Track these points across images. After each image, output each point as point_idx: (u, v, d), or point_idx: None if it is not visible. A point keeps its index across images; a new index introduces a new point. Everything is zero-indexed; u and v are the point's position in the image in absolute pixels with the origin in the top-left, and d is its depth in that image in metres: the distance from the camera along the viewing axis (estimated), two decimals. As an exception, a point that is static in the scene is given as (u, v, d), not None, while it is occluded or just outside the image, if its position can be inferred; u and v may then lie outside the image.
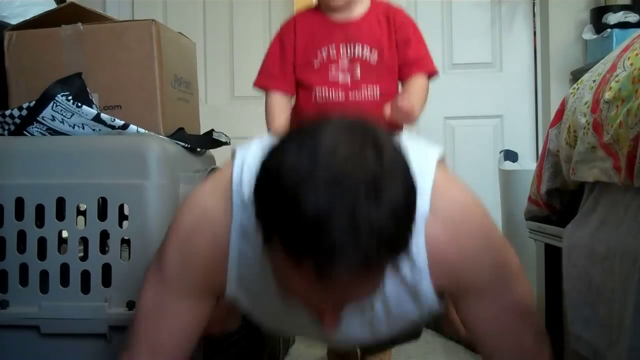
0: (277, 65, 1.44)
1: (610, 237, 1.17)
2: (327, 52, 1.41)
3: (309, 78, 1.39)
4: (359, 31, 1.43)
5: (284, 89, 1.41)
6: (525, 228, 1.76)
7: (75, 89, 1.56)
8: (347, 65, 1.40)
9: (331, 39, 1.42)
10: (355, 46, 1.41)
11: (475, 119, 3.29)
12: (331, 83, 1.39)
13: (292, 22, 1.48)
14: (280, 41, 1.47)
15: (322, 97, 1.39)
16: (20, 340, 1.48)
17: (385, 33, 1.45)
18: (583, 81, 1.38)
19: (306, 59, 1.42)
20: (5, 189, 1.50)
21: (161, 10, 3.37)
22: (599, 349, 1.18)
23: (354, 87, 1.39)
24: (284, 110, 1.42)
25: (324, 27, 1.45)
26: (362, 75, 1.39)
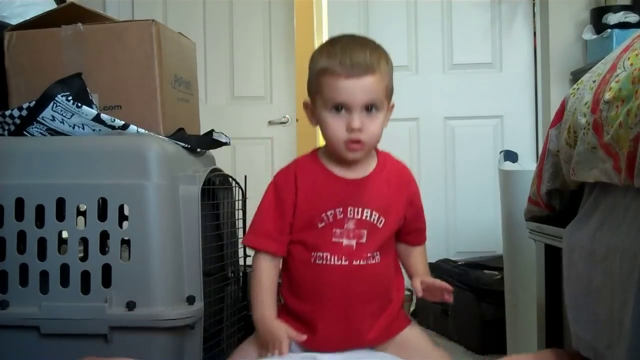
0: (272, 225, 1.32)
1: (610, 237, 1.17)
2: (334, 215, 1.32)
3: (310, 239, 1.30)
4: (369, 193, 1.31)
5: (276, 251, 1.32)
6: (525, 228, 1.76)
7: (75, 89, 1.56)
8: (353, 229, 1.32)
9: (340, 201, 1.30)
10: (364, 211, 1.32)
11: (475, 119, 3.29)
12: (335, 247, 1.31)
13: (292, 176, 1.32)
14: (277, 196, 1.31)
15: (322, 261, 1.31)
16: (20, 341, 1.48)
17: (395, 196, 1.34)
18: (583, 81, 1.38)
19: (309, 220, 1.30)
20: (5, 189, 1.50)
21: (161, 10, 3.38)
22: (599, 349, 1.18)
23: (359, 253, 1.31)
24: (274, 277, 1.32)
25: (330, 184, 1.31)
26: (368, 240, 1.32)
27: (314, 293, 1.31)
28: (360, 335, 1.32)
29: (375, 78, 1.27)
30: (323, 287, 1.30)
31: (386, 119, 1.32)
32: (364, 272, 1.30)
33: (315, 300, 1.31)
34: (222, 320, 1.75)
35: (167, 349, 1.48)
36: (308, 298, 1.32)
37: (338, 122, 1.27)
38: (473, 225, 3.20)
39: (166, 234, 1.51)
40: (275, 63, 3.41)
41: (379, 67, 1.27)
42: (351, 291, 1.30)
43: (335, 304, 1.31)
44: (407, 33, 3.32)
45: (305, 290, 1.32)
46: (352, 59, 1.25)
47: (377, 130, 1.29)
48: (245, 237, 1.37)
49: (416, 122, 3.30)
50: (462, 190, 3.28)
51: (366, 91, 1.26)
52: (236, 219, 1.89)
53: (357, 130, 1.26)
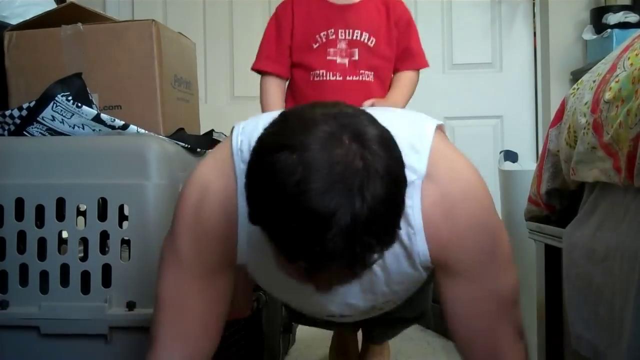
0: (273, 48, 1.46)
1: (611, 237, 1.17)
2: (326, 36, 1.42)
3: (307, 59, 1.42)
4: (358, 16, 1.45)
5: (279, 72, 1.43)
6: (525, 228, 1.76)
7: (75, 89, 1.56)
8: (345, 48, 1.42)
9: (330, 23, 1.44)
10: (354, 32, 1.43)
11: (475, 119, 3.29)
12: (329, 64, 1.40)
13: (290, 4, 1.49)
14: (277, 23, 1.48)
15: (319, 78, 1.40)
16: (20, 341, 1.48)
17: (384, 21, 1.47)
18: (583, 81, 1.38)
19: (304, 42, 1.44)
20: (5, 189, 1.50)
21: (161, 10, 3.37)
22: (600, 349, 1.18)
23: (352, 70, 1.42)
24: (279, 95, 1.44)
25: (322, 10, 1.46)
26: (360, 59, 1.42)
27: None
28: None
29: None
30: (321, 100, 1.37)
31: None
32: (357, 87, 1.38)
33: None
34: (222, 320, 1.74)
35: (167, 349, 1.47)
36: None
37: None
38: (473, 225, 3.20)
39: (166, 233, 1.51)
40: (275, 63, 3.41)
41: None
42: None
43: None
44: (407, 33, 3.32)
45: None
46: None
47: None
48: (254, 63, 1.46)
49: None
50: (462, 190, 3.27)
51: None
52: (236, 219, 1.88)
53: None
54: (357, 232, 0.78)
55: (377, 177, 0.79)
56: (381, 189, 0.79)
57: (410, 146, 0.98)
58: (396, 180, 0.82)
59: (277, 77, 1.43)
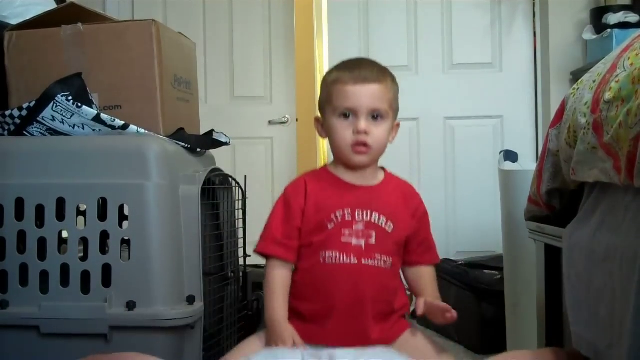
0: (280, 230, 1.36)
1: (610, 237, 1.17)
2: (342, 215, 1.35)
3: (319, 240, 1.33)
4: (376, 199, 1.36)
5: (286, 257, 1.35)
6: (525, 228, 1.76)
7: (75, 89, 1.56)
8: (362, 230, 1.35)
9: (346, 202, 1.34)
10: (372, 214, 1.36)
11: (475, 119, 3.29)
12: (344, 246, 1.33)
13: (302, 185, 1.38)
14: (286, 204, 1.36)
15: (331, 260, 1.33)
16: (20, 341, 1.48)
17: (401, 208, 1.38)
18: (583, 81, 1.38)
19: (318, 222, 1.33)
20: (5, 189, 1.50)
21: (161, 10, 3.37)
22: (600, 349, 1.18)
23: (368, 253, 1.34)
24: (285, 283, 1.35)
25: (338, 190, 1.36)
26: (377, 242, 1.34)
27: (324, 292, 1.33)
28: (366, 334, 1.33)
29: (381, 87, 1.36)
30: (332, 285, 1.32)
31: (391, 134, 1.42)
32: (372, 273, 1.33)
33: (326, 300, 1.33)
34: (222, 320, 1.75)
35: (167, 349, 1.47)
36: (318, 298, 1.34)
37: (346, 127, 1.36)
38: (473, 225, 3.20)
39: (166, 234, 1.51)
40: (275, 63, 3.41)
41: (385, 79, 1.38)
42: (360, 290, 1.32)
43: (343, 303, 1.33)
44: (407, 33, 3.32)
45: (314, 290, 1.34)
46: (360, 70, 1.37)
47: (382, 135, 1.37)
48: (258, 245, 1.39)
49: (416, 122, 3.30)
50: (462, 190, 3.28)
51: (372, 97, 1.35)
52: (236, 218, 1.89)
53: (363, 132, 1.34)
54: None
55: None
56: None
57: None
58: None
59: (284, 261, 1.36)
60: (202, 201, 1.59)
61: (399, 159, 3.17)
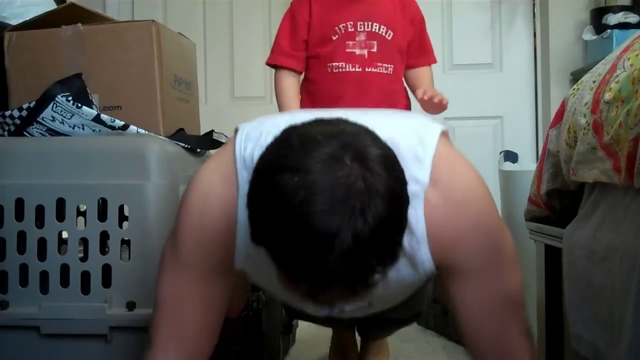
0: (287, 42, 1.46)
1: (610, 237, 1.17)
2: (345, 28, 1.43)
3: (325, 51, 1.42)
4: (375, 10, 1.47)
5: (294, 67, 1.43)
6: (525, 228, 1.76)
7: (75, 90, 1.56)
8: (364, 40, 1.43)
9: (348, 16, 1.45)
10: (373, 24, 1.44)
11: (475, 119, 3.29)
12: (349, 56, 1.41)
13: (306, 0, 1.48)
14: (292, 18, 1.48)
15: (338, 69, 1.41)
16: (20, 341, 1.48)
17: (399, 17, 1.49)
18: (583, 82, 1.38)
19: (323, 34, 1.44)
20: (5, 189, 1.50)
21: (161, 10, 3.38)
22: (600, 349, 1.18)
23: (371, 61, 1.43)
24: (295, 89, 1.44)
25: (340, 3, 1.47)
26: (378, 51, 1.43)
27: (332, 98, 1.40)
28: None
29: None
30: (340, 91, 1.39)
31: None
32: (376, 79, 1.39)
33: (334, 105, 1.38)
34: (222, 320, 1.74)
35: (167, 349, 1.47)
36: (326, 104, 1.40)
37: None
38: (473, 225, 3.20)
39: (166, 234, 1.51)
40: (275, 63, 3.41)
41: None
42: (365, 95, 1.38)
43: (351, 106, 1.35)
44: (407, 33, 3.32)
45: (322, 97, 1.42)
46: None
47: None
48: (268, 58, 1.46)
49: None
50: (462, 190, 3.28)
51: None
52: (236, 219, 1.88)
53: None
54: (359, 254, 0.78)
55: (379, 198, 0.80)
56: (382, 210, 0.80)
57: (414, 157, 0.99)
58: (398, 200, 0.83)
59: (292, 71, 1.43)
60: (202, 201, 1.59)
61: (399, 159, 3.16)
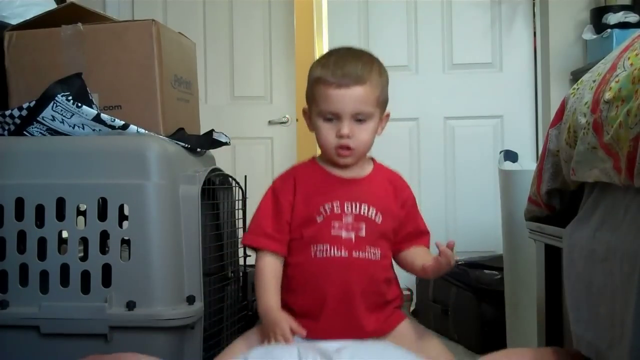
0: (270, 224, 1.35)
1: (611, 237, 1.17)
2: (331, 208, 1.35)
3: (309, 234, 1.33)
4: (365, 191, 1.36)
5: (277, 250, 1.34)
6: (525, 228, 1.76)
7: (75, 89, 1.56)
8: (351, 222, 1.35)
9: (335, 195, 1.34)
10: (362, 206, 1.36)
11: (475, 119, 3.29)
12: (334, 239, 1.33)
13: (291, 178, 1.37)
14: (275, 198, 1.36)
15: (322, 254, 1.33)
16: (20, 341, 1.48)
17: (391, 199, 1.38)
18: (583, 81, 1.38)
19: (307, 215, 1.33)
20: (5, 189, 1.50)
21: (161, 10, 3.37)
22: (600, 349, 1.18)
23: (358, 245, 1.33)
24: (277, 275, 1.35)
25: (327, 183, 1.36)
26: (367, 234, 1.34)
27: (316, 286, 1.33)
28: (360, 327, 1.33)
29: (365, 89, 1.33)
30: (324, 279, 1.32)
31: (380, 127, 1.40)
32: (363, 265, 1.33)
33: (317, 294, 1.33)
34: (222, 320, 1.75)
35: (167, 349, 1.48)
36: (309, 292, 1.34)
37: (329, 130, 1.35)
38: (473, 225, 3.20)
39: (166, 234, 1.51)
40: (275, 63, 3.41)
41: (370, 78, 1.34)
42: (352, 283, 1.32)
43: (336, 296, 1.32)
44: (407, 33, 3.31)
45: (306, 284, 1.34)
46: (343, 70, 1.33)
47: (365, 138, 1.36)
48: (244, 237, 1.39)
49: (416, 122, 3.30)
50: (462, 190, 3.28)
51: (355, 101, 1.33)
52: (236, 218, 1.89)
53: (345, 137, 1.34)
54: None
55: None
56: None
57: None
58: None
59: (276, 255, 1.35)
60: (202, 201, 1.59)
61: (399, 159, 3.16)
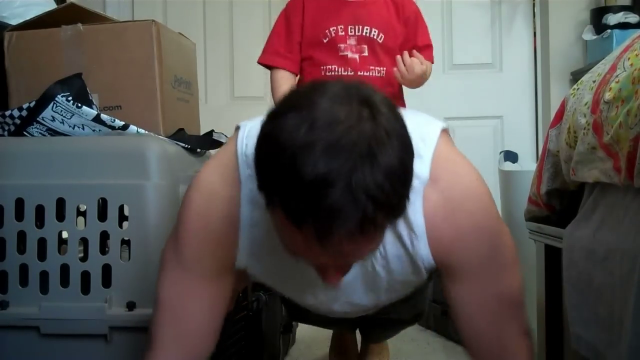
0: (282, 44, 1.45)
1: (610, 237, 1.17)
2: (336, 31, 1.43)
3: (318, 54, 1.42)
4: (367, 13, 1.46)
5: (289, 68, 1.41)
6: (525, 228, 1.76)
7: (75, 90, 1.56)
8: (355, 44, 1.42)
9: (340, 19, 1.45)
10: (364, 28, 1.44)
11: (475, 119, 3.29)
12: (341, 59, 1.41)
13: (300, 1, 1.47)
14: (287, 19, 1.48)
15: (331, 72, 1.41)
16: (20, 341, 1.48)
17: (393, 17, 1.48)
18: (583, 82, 1.38)
19: (314, 37, 1.44)
20: (5, 189, 1.50)
21: (161, 10, 3.37)
22: (600, 349, 1.18)
23: (362, 65, 1.42)
24: (291, 85, 1.42)
25: (332, 5, 1.47)
26: (370, 54, 1.43)
27: None
28: None
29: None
30: None
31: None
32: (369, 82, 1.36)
33: None
34: (222, 320, 1.74)
35: (167, 349, 1.47)
36: None
37: None
38: (473, 225, 3.20)
39: (166, 234, 1.51)
40: (275, 63, 3.41)
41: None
42: None
43: None
44: (407, 33, 3.32)
45: None
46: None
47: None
48: (260, 57, 1.46)
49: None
50: (462, 190, 3.27)
51: None
52: (236, 219, 1.88)
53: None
54: (365, 188, 0.77)
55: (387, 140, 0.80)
56: (391, 152, 0.79)
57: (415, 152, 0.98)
58: (406, 147, 0.84)
59: (289, 72, 1.42)
60: (202, 201, 1.59)
61: (399, 159, 3.17)
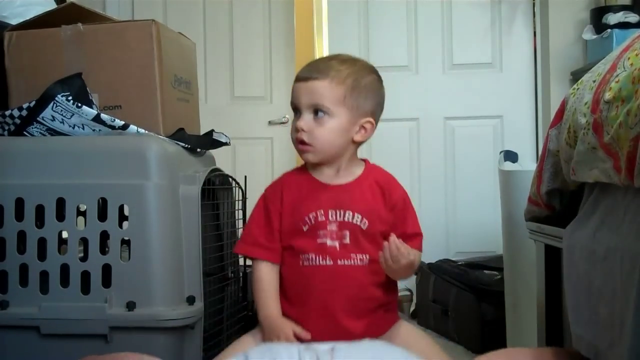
0: (262, 233, 1.36)
1: (610, 237, 1.17)
2: (315, 217, 1.35)
3: (297, 243, 1.34)
4: (350, 197, 1.35)
5: (270, 259, 1.34)
6: (525, 228, 1.76)
7: (75, 89, 1.56)
8: (335, 230, 1.35)
9: (320, 204, 1.33)
10: (345, 213, 1.35)
11: (475, 119, 3.29)
12: (319, 247, 1.33)
13: (279, 187, 1.38)
14: (266, 207, 1.37)
15: (309, 262, 1.34)
16: (20, 341, 1.48)
17: (379, 202, 1.37)
18: (583, 81, 1.38)
19: (294, 225, 1.34)
20: (5, 189, 1.50)
21: (161, 10, 3.37)
22: (600, 349, 1.18)
23: (343, 253, 1.33)
24: (274, 282, 1.35)
25: (312, 191, 1.36)
26: (352, 241, 1.34)
27: (302, 295, 1.33)
28: (347, 333, 1.31)
29: (324, 83, 1.32)
30: (310, 288, 1.32)
31: (358, 133, 1.35)
32: (349, 272, 1.32)
33: (304, 303, 1.33)
34: (222, 320, 1.75)
35: (167, 349, 1.48)
36: (297, 301, 1.34)
37: (293, 124, 1.36)
38: (473, 225, 3.20)
39: (166, 234, 1.51)
40: (275, 63, 3.41)
41: (336, 75, 1.32)
42: (335, 291, 1.31)
43: (319, 304, 1.32)
44: (407, 33, 3.31)
45: (294, 293, 1.35)
46: (310, 66, 1.35)
47: (324, 135, 1.33)
48: (236, 245, 1.41)
49: (416, 122, 3.29)
50: (462, 190, 3.27)
51: (310, 93, 1.33)
52: (236, 219, 1.89)
53: (300, 130, 1.33)
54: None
55: None
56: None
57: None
58: None
59: (270, 263, 1.36)
60: (202, 201, 1.59)
61: (399, 159, 3.16)
